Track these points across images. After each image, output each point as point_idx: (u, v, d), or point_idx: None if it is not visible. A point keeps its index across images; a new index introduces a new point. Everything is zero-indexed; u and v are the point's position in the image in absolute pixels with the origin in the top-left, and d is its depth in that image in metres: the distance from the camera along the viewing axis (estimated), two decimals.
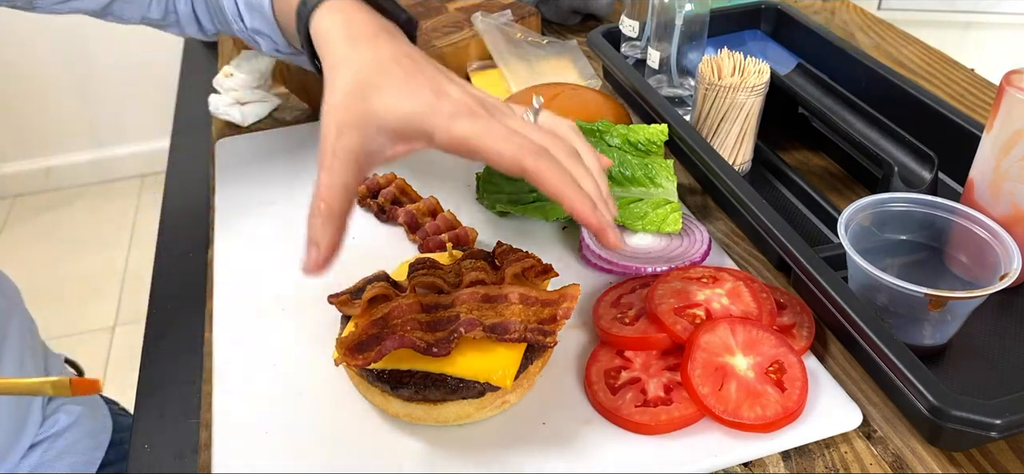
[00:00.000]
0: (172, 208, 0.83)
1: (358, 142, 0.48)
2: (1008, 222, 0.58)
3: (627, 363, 0.55)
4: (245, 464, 0.51)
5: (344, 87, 0.49)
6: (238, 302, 0.64)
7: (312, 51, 0.57)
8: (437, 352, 0.48)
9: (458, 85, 0.51)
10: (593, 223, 0.47)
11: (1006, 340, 0.58)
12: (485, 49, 0.99)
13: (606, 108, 0.76)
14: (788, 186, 0.76)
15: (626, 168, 0.67)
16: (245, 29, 0.69)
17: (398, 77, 0.49)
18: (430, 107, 0.48)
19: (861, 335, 0.53)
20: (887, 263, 0.62)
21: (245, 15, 0.68)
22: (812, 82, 0.85)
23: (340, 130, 0.48)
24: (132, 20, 0.74)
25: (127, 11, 0.72)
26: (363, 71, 0.50)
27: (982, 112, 0.87)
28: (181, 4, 0.74)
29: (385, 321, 0.51)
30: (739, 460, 0.51)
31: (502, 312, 0.51)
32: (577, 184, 0.47)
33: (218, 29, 0.77)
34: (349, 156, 0.48)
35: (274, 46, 0.69)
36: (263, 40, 0.69)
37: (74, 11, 0.70)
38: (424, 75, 0.50)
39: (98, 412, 0.84)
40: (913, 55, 1.01)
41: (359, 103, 0.48)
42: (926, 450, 0.52)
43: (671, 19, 0.84)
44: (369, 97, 0.49)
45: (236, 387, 0.56)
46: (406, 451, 0.51)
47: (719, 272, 0.60)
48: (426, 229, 0.68)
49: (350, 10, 0.55)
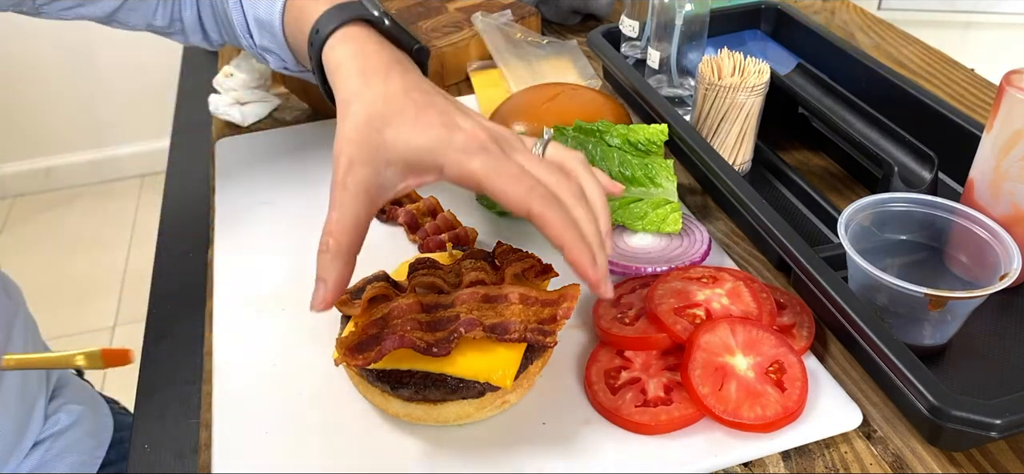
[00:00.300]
0: (172, 208, 0.83)
1: (369, 176, 0.48)
2: (1008, 222, 0.58)
3: (627, 363, 0.55)
4: (245, 464, 0.51)
5: (355, 122, 0.50)
6: (238, 302, 0.64)
7: (323, 77, 0.57)
8: (437, 352, 0.48)
9: (469, 117, 0.51)
10: (590, 278, 0.47)
11: (1006, 340, 0.58)
12: (485, 49, 0.99)
13: (606, 108, 0.76)
14: (788, 186, 0.76)
15: (626, 168, 0.67)
16: (254, 45, 0.69)
17: (409, 111, 0.50)
18: (441, 140, 0.49)
19: (861, 335, 0.53)
20: (887, 263, 0.62)
21: (255, 32, 0.68)
22: (812, 82, 0.85)
23: (351, 165, 0.48)
24: (137, 27, 0.74)
25: (132, 18, 0.73)
26: (375, 105, 0.50)
27: (982, 112, 0.87)
28: (187, 13, 0.74)
29: (385, 321, 0.51)
30: (739, 460, 0.51)
31: (502, 312, 0.51)
32: (580, 233, 0.47)
33: (225, 40, 0.77)
34: (359, 190, 0.48)
35: (282, 63, 0.69)
36: (271, 57, 0.69)
37: (80, 18, 0.71)
38: (435, 108, 0.50)
39: (99, 411, 0.84)
40: (913, 55, 1.01)
41: (370, 137, 0.49)
42: (926, 450, 0.52)
43: (671, 19, 0.84)
44: (380, 131, 0.49)
45: (236, 387, 0.56)
46: (406, 451, 0.51)
47: (719, 272, 0.60)
48: (426, 229, 0.68)
49: (362, 41, 0.55)
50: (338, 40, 0.55)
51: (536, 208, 0.47)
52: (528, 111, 0.75)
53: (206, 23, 0.75)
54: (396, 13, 1.05)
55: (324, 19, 0.57)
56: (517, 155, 0.50)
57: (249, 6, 0.67)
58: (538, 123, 0.73)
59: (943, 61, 0.99)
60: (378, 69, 0.53)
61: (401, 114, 0.50)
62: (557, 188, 0.48)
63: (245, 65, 0.90)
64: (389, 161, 0.49)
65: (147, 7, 0.72)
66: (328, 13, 0.57)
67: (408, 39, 0.58)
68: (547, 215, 0.46)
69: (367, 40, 0.55)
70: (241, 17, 0.68)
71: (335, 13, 0.56)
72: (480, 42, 0.99)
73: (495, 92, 0.92)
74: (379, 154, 0.49)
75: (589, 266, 0.47)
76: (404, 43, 0.58)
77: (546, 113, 0.74)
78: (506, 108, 0.77)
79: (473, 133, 0.49)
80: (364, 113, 0.50)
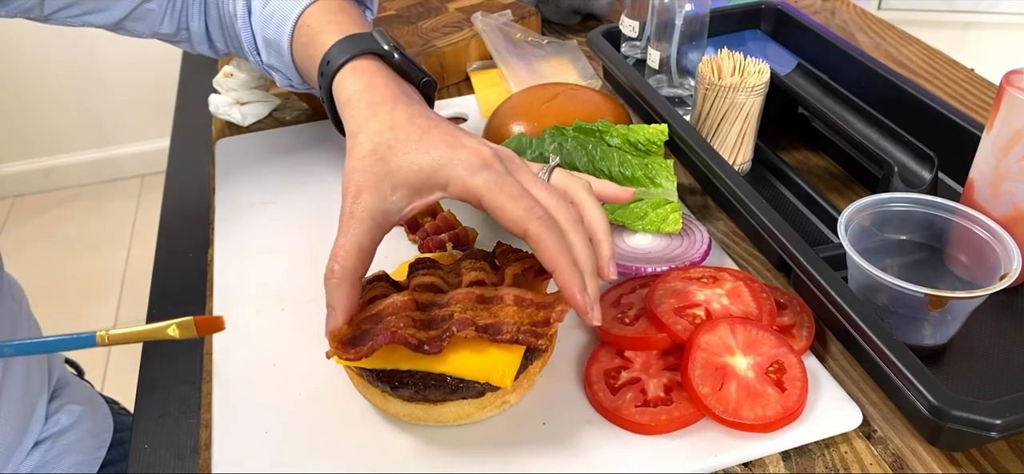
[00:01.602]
0: (172, 208, 0.83)
1: (375, 204, 0.49)
2: (1008, 222, 0.58)
3: (627, 363, 0.55)
4: (245, 464, 0.51)
5: (363, 151, 0.51)
6: (238, 302, 0.64)
7: (333, 104, 0.58)
8: (429, 350, 0.48)
9: (473, 138, 0.52)
10: (577, 304, 0.48)
11: (1006, 340, 0.58)
12: (485, 49, 0.99)
13: (606, 108, 0.76)
14: (788, 186, 0.76)
15: (626, 168, 0.67)
16: (261, 63, 0.70)
17: (414, 135, 0.51)
18: (445, 158, 0.50)
19: (861, 335, 0.53)
20: (887, 263, 0.62)
21: (263, 51, 0.69)
22: (812, 82, 0.85)
23: (358, 193, 0.50)
24: (144, 35, 0.75)
25: (139, 27, 0.74)
26: (381, 135, 0.51)
27: (982, 112, 0.87)
28: (194, 23, 0.75)
29: (378, 317, 0.51)
30: (739, 460, 0.51)
31: (496, 313, 0.51)
32: (572, 259, 0.48)
33: (231, 51, 0.78)
34: (365, 217, 0.49)
35: (288, 82, 0.70)
36: (278, 75, 0.70)
37: (87, 25, 0.72)
38: (439, 131, 0.51)
39: (99, 411, 0.84)
40: (913, 55, 1.01)
41: (376, 166, 0.50)
42: (926, 450, 0.52)
43: (671, 19, 0.84)
44: (387, 159, 0.50)
45: (236, 387, 0.56)
46: (406, 451, 0.51)
47: (719, 272, 0.60)
48: (426, 229, 0.68)
49: (371, 74, 0.56)
50: (348, 73, 0.57)
51: (532, 229, 0.47)
52: (528, 111, 0.75)
53: (213, 34, 0.76)
54: (396, 13, 1.06)
55: (335, 51, 0.58)
56: (520, 175, 0.51)
57: (258, 26, 0.68)
58: (538, 123, 0.73)
59: (943, 61, 0.99)
60: (385, 100, 0.54)
61: (406, 140, 0.51)
62: (556, 211, 0.49)
63: (245, 65, 0.90)
64: (395, 186, 0.50)
65: (154, 16, 0.74)
66: (339, 45, 0.58)
67: (417, 72, 0.60)
68: (542, 236, 0.47)
69: (376, 74, 0.57)
70: (250, 36, 0.69)
71: (346, 45, 0.58)
72: (480, 42, 0.99)
73: (495, 92, 0.92)
74: (385, 181, 0.50)
75: (577, 291, 0.47)
76: (412, 77, 0.60)
77: (546, 113, 0.74)
78: (506, 108, 0.77)
79: (477, 150, 0.50)
80: (371, 143, 0.51)
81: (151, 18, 0.73)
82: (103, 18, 0.72)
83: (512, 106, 0.77)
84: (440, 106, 0.91)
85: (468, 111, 0.90)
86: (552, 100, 0.76)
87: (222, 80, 0.90)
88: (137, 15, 0.72)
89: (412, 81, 0.60)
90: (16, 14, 0.68)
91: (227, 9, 0.71)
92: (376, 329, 0.49)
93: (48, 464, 0.74)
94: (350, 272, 0.48)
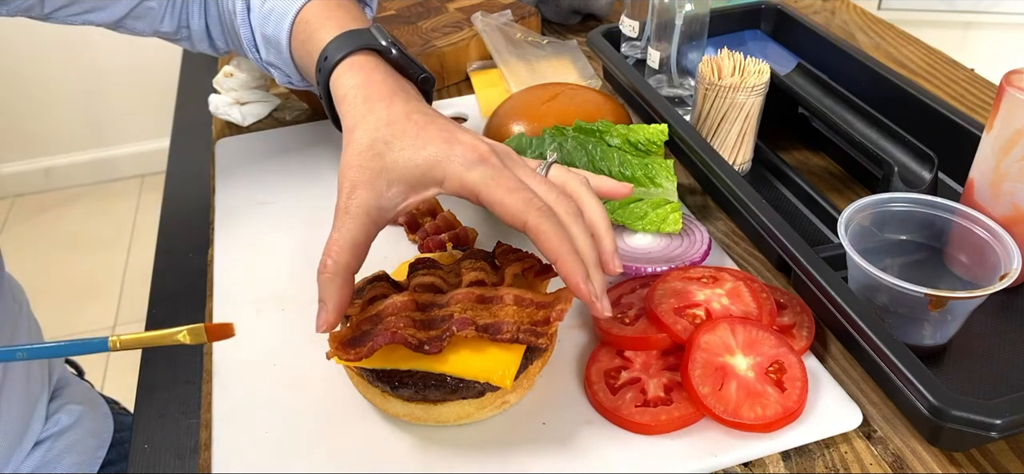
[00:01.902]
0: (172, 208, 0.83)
1: (370, 199, 0.49)
2: (1008, 222, 0.58)
3: (627, 363, 0.55)
4: (245, 464, 0.51)
5: (359, 147, 0.51)
6: (238, 302, 0.64)
7: (330, 101, 0.58)
8: (428, 350, 0.48)
9: (469, 134, 0.52)
10: (582, 294, 0.47)
11: (1006, 340, 0.58)
12: (485, 49, 0.99)
13: (606, 108, 0.76)
14: (788, 186, 0.76)
15: (626, 168, 0.67)
16: (260, 60, 0.70)
17: (410, 131, 0.51)
18: (441, 154, 0.49)
19: (861, 335, 0.53)
20: (887, 263, 0.62)
21: (261, 48, 0.69)
22: (812, 82, 0.85)
23: (354, 188, 0.49)
24: (144, 33, 0.76)
25: (139, 25, 0.74)
26: (377, 130, 0.51)
27: (982, 112, 0.87)
28: (194, 21, 0.75)
29: (378, 317, 0.51)
30: (739, 460, 0.51)
31: (496, 313, 0.51)
32: (573, 249, 0.48)
33: (231, 48, 0.78)
34: (360, 212, 0.49)
35: (287, 79, 0.70)
36: (277, 72, 0.70)
37: (88, 23, 0.72)
38: (435, 126, 0.51)
39: (99, 411, 0.84)
40: (913, 55, 1.01)
41: (372, 162, 0.50)
42: (926, 450, 0.52)
43: (671, 19, 0.84)
44: (383, 155, 0.50)
45: (236, 387, 0.56)
46: (406, 451, 0.51)
47: (719, 272, 0.60)
48: (426, 229, 0.68)
49: (369, 70, 0.56)
50: (345, 69, 0.56)
51: (532, 220, 0.47)
52: (528, 111, 0.75)
53: (213, 32, 0.76)
54: (396, 13, 1.06)
55: (333, 47, 0.58)
56: (517, 169, 0.50)
57: (257, 23, 0.67)
58: (538, 123, 0.73)
59: (943, 61, 0.99)
60: (382, 96, 0.54)
61: (402, 136, 0.51)
62: (555, 204, 0.49)
63: (245, 65, 0.90)
64: (391, 182, 0.50)
65: (155, 14, 0.74)
66: (337, 41, 0.58)
67: (415, 68, 0.59)
68: (542, 227, 0.47)
69: (374, 69, 0.56)
70: (249, 32, 0.69)
71: (344, 41, 0.58)
72: (480, 42, 0.99)
73: (495, 92, 0.92)
74: (381, 177, 0.50)
75: (581, 282, 0.47)
76: (410, 72, 0.59)
77: (546, 113, 0.74)
78: (506, 108, 0.77)
79: (473, 145, 0.50)
80: (367, 138, 0.51)
81: (152, 16, 0.73)
82: (104, 17, 0.72)
83: (512, 106, 0.77)
84: (440, 106, 0.91)
85: (468, 111, 0.90)
86: (552, 100, 0.76)
87: (222, 80, 0.90)
88: (138, 13, 0.73)
89: (410, 77, 0.59)
90: (16, 13, 0.68)
91: (227, 6, 0.71)
92: (376, 329, 0.49)
93: (48, 464, 0.75)
94: (343, 267, 0.48)
